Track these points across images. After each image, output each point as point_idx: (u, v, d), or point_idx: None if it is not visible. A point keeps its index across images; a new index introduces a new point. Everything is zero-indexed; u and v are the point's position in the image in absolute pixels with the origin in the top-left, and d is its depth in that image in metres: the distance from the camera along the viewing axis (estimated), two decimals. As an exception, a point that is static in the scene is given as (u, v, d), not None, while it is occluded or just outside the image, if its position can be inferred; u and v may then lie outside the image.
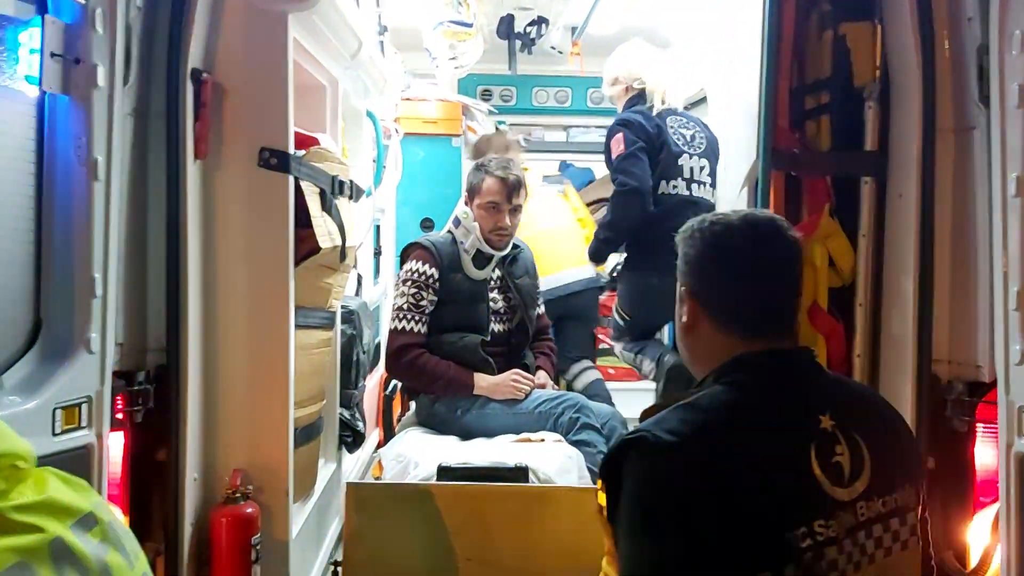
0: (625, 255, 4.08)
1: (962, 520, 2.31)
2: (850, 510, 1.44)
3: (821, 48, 2.66)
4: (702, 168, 3.92)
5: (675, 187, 3.87)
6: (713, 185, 3.94)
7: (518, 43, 4.88)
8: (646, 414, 1.51)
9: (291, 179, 2.50)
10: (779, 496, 1.40)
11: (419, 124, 5.49)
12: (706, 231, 1.57)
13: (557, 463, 2.84)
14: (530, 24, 4.81)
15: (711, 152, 3.95)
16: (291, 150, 2.50)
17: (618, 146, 3.83)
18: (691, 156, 3.92)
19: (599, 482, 1.50)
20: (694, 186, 3.90)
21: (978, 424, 2.30)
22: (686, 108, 4.60)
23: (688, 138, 3.94)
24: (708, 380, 1.54)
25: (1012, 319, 2.07)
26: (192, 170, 2.33)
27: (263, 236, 2.47)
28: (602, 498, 1.48)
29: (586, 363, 4.47)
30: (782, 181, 2.66)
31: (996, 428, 2.15)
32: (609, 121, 6.00)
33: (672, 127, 3.92)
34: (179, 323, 2.29)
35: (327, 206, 2.74)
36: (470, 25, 4.25)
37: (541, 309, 3.74)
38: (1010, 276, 2.07)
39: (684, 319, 1.60)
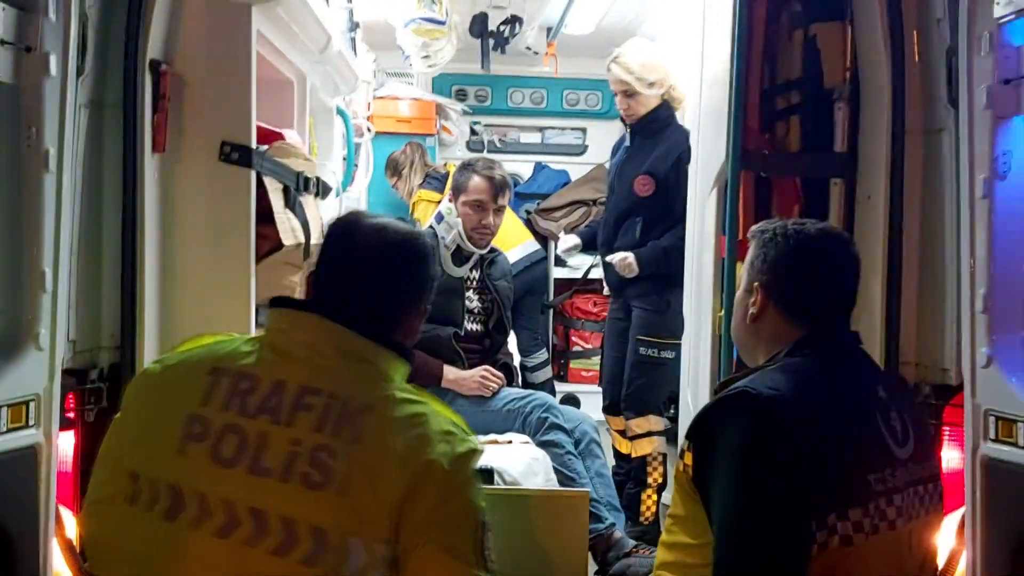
0: (650, 280, 3.86)
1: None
2: (905, 467, 1.69)
3: (791, 48, 2.66)
4: None
5: None
6: None
7: (491, 42, 4.84)
8: (722, 386, 1.74)
9: (253, 174, 2.45)
10: (860, 445, 1.64)
11: (392, 123, 5.44)
12: (790, 237, 1.79)
13: (523, 465, 2.81)
14: (504, 23, 4.76)
15: None
16: (253, 144, 2.45)
17: None
18: None
19: (686, 442, 1.67)
20: None
21: (945, 427, 2.29)
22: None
23: None
24: (779, 356, 1.75)
25: (979, 322, 2.05)
26: (150, 164, 2.28)
27: (223, 232, 2.42)
28: (688, 458, 1.65)
29: (544, 355, 4.43)
30: (751, 182, 2.65)
31: (962, 431, 2.14)
32: (586, 124, 6.09)
33: None
34: (134, 320, 2.23)
35: (291, 203, 2.70)
36: (443, 23, 4.20)
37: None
38: (977, 278, 2.06)
39: (753, 310, 1.81)
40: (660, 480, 3.87)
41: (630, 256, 3.82)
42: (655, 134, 3.92)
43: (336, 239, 1.67)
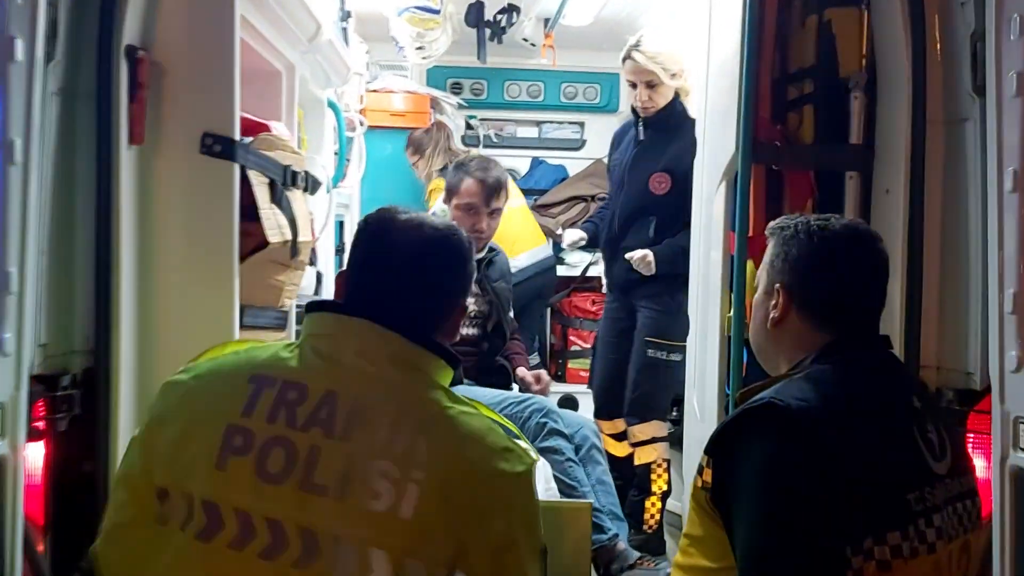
0: (662, 280, 3.73)
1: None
2: (943, 484, 1.57)
3: (804, 35, 2.55)
4: None
5: None
6: None
7: (488, 32, 4.70)
8: (744, 396, 1.61)
9: (236, 167, 2.32)
10: (897, 462, 1.52)
11: (386, 117, 5.29)
12: (814, 234, 1.66)
13: (522, 474, 2.68)
14: (500, 12, 4.63)
15: None
16: (237, 136, 2.32)
17: None
18: None
19: (705, 458, 1.53)
20: None
21: (969, 435, 2.17)
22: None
23: None
24: (804, 364, 1.62)
25: (1008, 323, 1.93)
26: (126, 156, 2.14)
27: (205, 229, 2.28)
28: (707, 475, 1.51)
29: (537, 358, 4.38)
30: (763, 175, 2.53)
31: (988, 439, 2.02)
32: (584, 117, 5.96)
33: None
34: (109, 322, 2.10)
35: (277, 198, 2.56)
36: (437, 12, 4.07)
37: (512, 313, 3.60)
38: (1006, 277, 1.94)
39: (775, 314, 1.68)
40: (665, 487, 3.76)
41: (650, 254, 3.69)
42: (671, 129, 3.75)
43: (371, 237, 1.59)
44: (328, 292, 4.08)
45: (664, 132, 3.77)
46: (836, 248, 1.66)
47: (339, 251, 4.52)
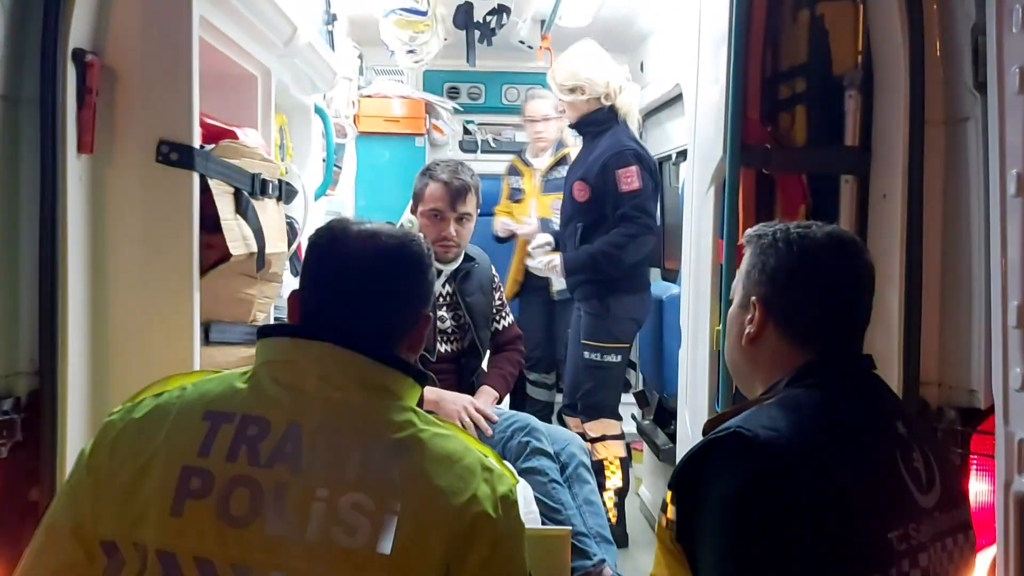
0: (591, 284, 3.90)
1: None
2: (930, 518, 1.43)
3: (796, 31, 2.41)
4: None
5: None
6: None
7: (477, 33, 4.58)
8: (711, 424, 1.48)
9: (195, 177, 2.20)
10: (878, 497, 1.39)
11: (380, 123, 5.19)
12: (793, 243, 1.52)
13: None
14: (490, 13, 4.50)
15: None
16: (196, 143, 2.21)
17: (633, 180, 3.77)
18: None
19: (668, 494, 1.42)
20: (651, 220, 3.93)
21: (972, 457, 2.04)
22: (661, 107, 4.40)
23: None
24: (779, 386, 1.50)
25: (1012, 338, 1.80)
26: (75, 166, 2.03)
27: (162, 242, 2.17)
28: (671, 512, 1.40)
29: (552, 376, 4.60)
30: (753, 180, 2.40)
31: (992, 462, 1.89)
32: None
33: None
34: (55, 342, 1.98)
35: (242, 208, 2.44)
36: (424, 13, 3.95)
37: (510, 319, 3.46)
38: (1009, 288, 1.81)
39: (751, 329, 1.55)
40: (620, 484, 3.91)
41: (556, 259, 3.91)
42: (594, 138, 3.96)
43: (323, 252, 1.48)
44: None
45: (589, 142, 3.99)
46: (817, 259, 1.51)
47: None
